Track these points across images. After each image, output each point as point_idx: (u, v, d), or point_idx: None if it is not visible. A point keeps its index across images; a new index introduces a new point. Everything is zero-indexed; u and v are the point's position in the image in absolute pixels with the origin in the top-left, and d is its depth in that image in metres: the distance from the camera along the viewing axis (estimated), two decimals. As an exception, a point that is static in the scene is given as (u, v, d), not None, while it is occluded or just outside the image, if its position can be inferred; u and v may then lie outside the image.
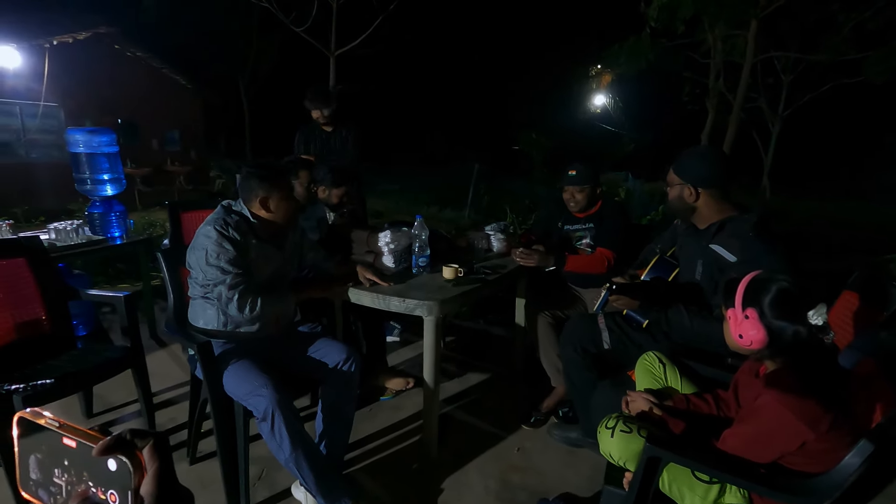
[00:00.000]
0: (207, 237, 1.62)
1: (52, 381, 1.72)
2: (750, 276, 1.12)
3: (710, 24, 6.17)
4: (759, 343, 1.08)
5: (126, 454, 0.38)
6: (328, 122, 3.32)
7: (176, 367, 2.77)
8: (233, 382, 1.61)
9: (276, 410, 1.51)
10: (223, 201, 1.78)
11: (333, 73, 8.20)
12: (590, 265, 2.35)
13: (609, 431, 1.24)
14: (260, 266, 1.73)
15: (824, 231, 7.65)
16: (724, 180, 1.66)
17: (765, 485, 1.05)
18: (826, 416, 1.01)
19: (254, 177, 1.71)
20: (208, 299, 1.71)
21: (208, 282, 1.62)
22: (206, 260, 1.61)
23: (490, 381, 2.72)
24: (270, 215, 1.73)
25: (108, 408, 2.34)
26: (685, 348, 1.66)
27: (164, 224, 5.36)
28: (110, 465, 0.38)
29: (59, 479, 0.41)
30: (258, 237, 1.73)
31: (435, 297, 1.86)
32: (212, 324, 1.73)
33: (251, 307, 1.62)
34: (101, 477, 0.39)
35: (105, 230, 2.95)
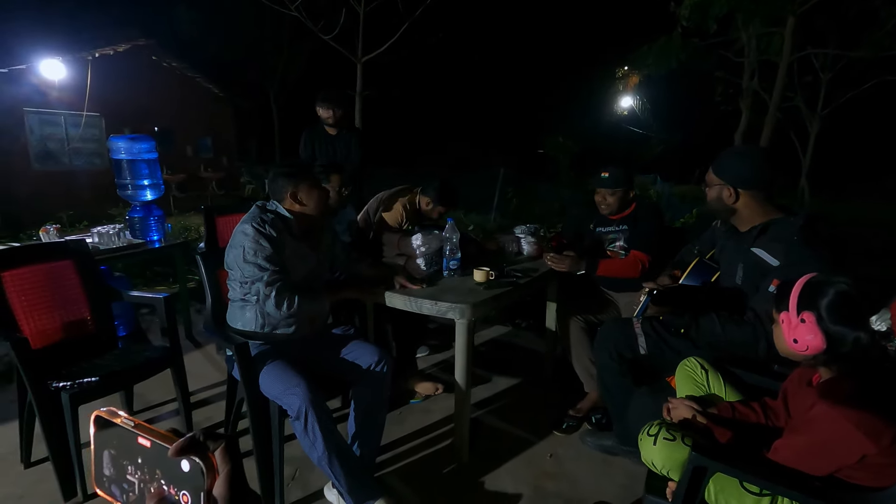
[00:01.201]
0: (245, 234, 1.66)
1: (98, 379, 1.78)
2: (805, 278, 1.07)
3: (745, 22, 6.02)
4: (815, 349, 1.03)
5: (199, 455, 0.38)
6: (335, 125, 3.37)
7: (211, 368, 2.83)
8: (268, 382, 1.64)
9: (310, 409, 1.53)
10: (258, 202, 1.82)
11: (360, 79, 8.32)
12: (623, 269, 2.30)
13: (651, 439, 1.20)
14: (295, 264, 1.76)
15: (865, 234, 7.32)
16: (767, 181, 1.60)
17: (821, 498, 1.00)
18: (889, 429, 0.95)
19: (280, 175, 1.77)
20: (247, 301, 1.74)
21: (246, 279, 1.66)
22: (243, 257, 1.65)
23: (520, 385, 2.69)
24: (304, 208, 1.78)
25: (148, 406, 2.40)
26: (729, 354, 1.60)
27: (198, 228, 5.52)
28: (183, 466, 0.38)
29: (131, 477, 0.41)
30: (293, 235, 1.76)
31: (467, 301, 1.85)
32: (250, 326, 1.76)
33: (289, 304, 1.66)
34: (174, 477, 0.39)
35: (144, 234, 3.05)
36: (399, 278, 2.00)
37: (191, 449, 0.38)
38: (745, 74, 7.06)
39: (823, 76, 8.77)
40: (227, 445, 0.39)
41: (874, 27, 6.62)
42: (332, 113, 3.33)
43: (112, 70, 9.07)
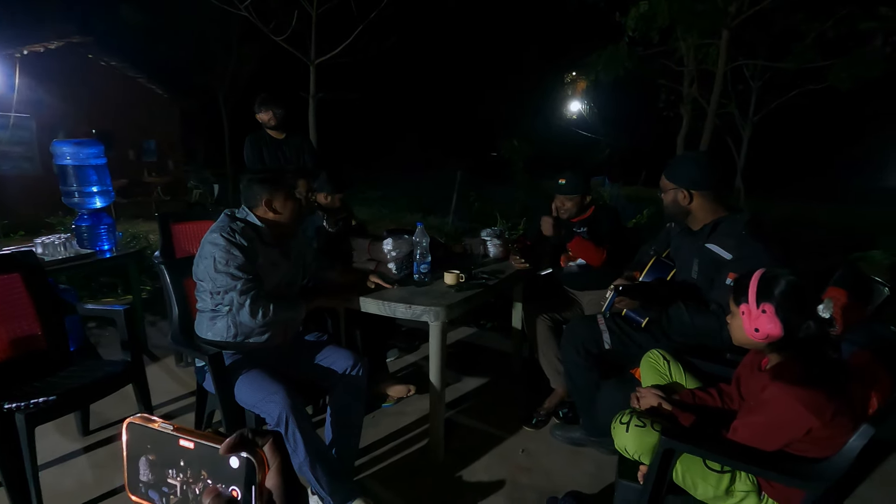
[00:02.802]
0: (214, 244, 1.63)
1: (55, 398, 1.69)
2: (760, 272, 1.19)
3: (684, 34, 6.40)
4: (773, 336, 1.14)
5: (249, 451, 0.40)
6: (278, 127, 3.31)
7: (171, 381, 2.73)
8: (245, 391, 1.61)
9: (290, 415, 1.52)
10: (226, 210, 1.79)
11: (314, 81, 8.19)
12: (590, 252, 2.38)
13: (624, 427, 1.29)
14: (268, 272, 1.74)
15: (795, 232, 7.97)
16: (716, 183, 1.75)
17: (775, 470, 1.11)
18: (830, 405, 1.08)
19: (256, 182, 1.76)
20: (218, 312, 1.71)
21: (219, 289, 1.63)
22: (214, 267, 1.62)
23: (489, 385, 2.75)
24: (277, 216, 1.77)
25: (106, 423, 2.29)
26: (685, 345, 1.73)
27: (147, 236, 5.26)
28: (232, 463, 0.40)
29: (173, 480, 0.43)
30: (265, 242, 1.75)
31: (440, 303, 1.89)
32: (220, 336, 1.73)
33: (264, 313, 1.64)
34: (222, 474, 0.41)
35: (94, 243, 2.89)
36: (373, 277, 2.02)
37: (241, 446, 0.40)
38: (685, 82, 7.50)
39: (754, 85, 9.45)
40: (275, 440, 0.41)
41: (798, 41, 7.21)
42: (274, 114, 3.27)
43: (43, 69, 8.46)
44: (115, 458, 2.05)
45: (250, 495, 0.40)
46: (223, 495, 0.40)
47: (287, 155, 3.39)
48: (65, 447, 2.11)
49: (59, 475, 1.95)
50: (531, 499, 1.84)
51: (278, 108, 3.29)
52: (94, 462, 2.04)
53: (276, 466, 0.40)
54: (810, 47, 7.10)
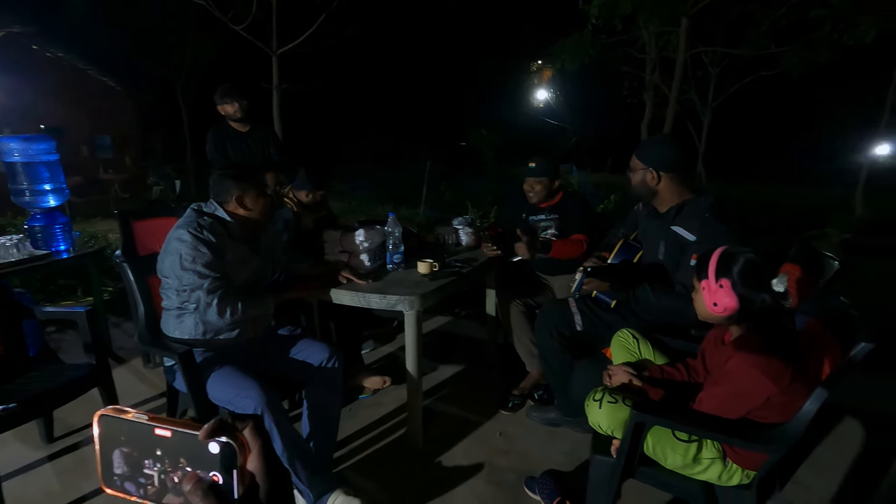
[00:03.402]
0: (181, 241, 1.59)
1: (15, 405, 1.62)
2: (720, 250, 1.24)
3: (645, 22, 6.52)
4: (731, 310, 1.20)
5: (229, 436, 0.40)
6: (243, 120, 3.22)
7: (139, 383, 2.65)
8: (218, 388, 1.59)
9: (266, 410, 1.51)
10: (193, 204, 1.74)
11: (276, 72, 7.98)
12: (571, 249, 2.44)
13: (597, 404, 1.33)
14: (237, 269, 1.71)
15: (754, 213, 8.30)
16: (683, 165, 1.81)
17: (738, 437, 1.17)
18: (787, 372, 1.14)
19: (227, 177, 1.71)
20: (184, 309, 1.66)
21: (185, 287, 1.59)
22: (180, 265, 1.57)
23: (465, 371, 2.78)
24: (248, 212, 1.73)
25: (71, 430, 2.21)
26: (653, 324, 1.79)
27: (106, 235, 5.05)
28: (212, 449, 0.40)
29: (150, 470, 0.42)
30: (233, 238, 1.71)
31: (415, 292, 1.89)
32: (188, 334, 1.68)
33: (232, 311, 1.61)
34: (202, 461, 0.41)
35: (49, 244, 2.76)
36: (344, 272, 2.01)
37: (221, 431, 0.40)
38: (647, 69, 7.67)
39: (713, 71, 9.74)
40: (255, 424, 0.41)
41: (753, 28, 7.45)
42: (239, 106, 3.17)
43: (-18, 61, 7.98)
44: (82, 464, 1.98)
45: (232, 479, 0.40)
46: (204, 480, 0.40)
47: (252, 148, 3.30)
48: (28, 456, 2.03)
49: (23, 485, 1.87)
50: (509, 480, 1.88)
51: (243, 100, 3.19)
52: (60, 469, 1.97)
53: (257, 450, 0.40)
54: (765, 35, 7.35)
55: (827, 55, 6.26)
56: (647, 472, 1.34)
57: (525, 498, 1.78)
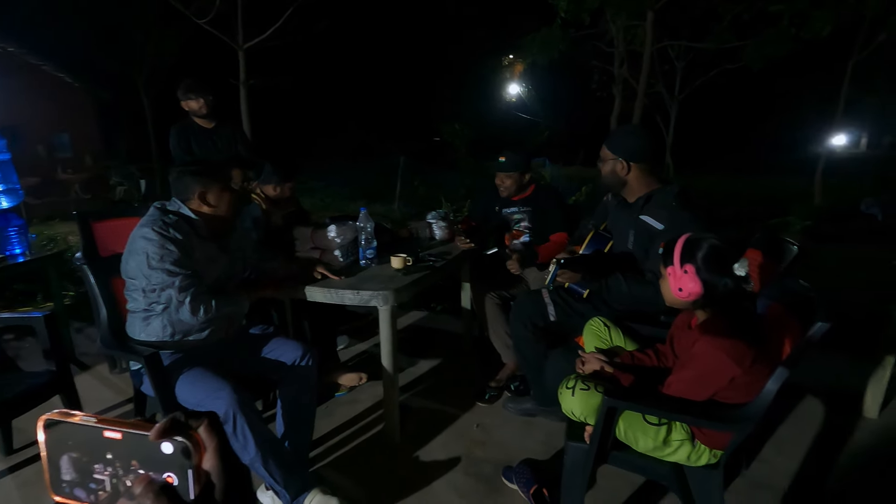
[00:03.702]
0: (147, 240, 1.53)
1: (-31, 416, 1.55)
2: (685, 237, 1.27)
3: (613, 16, 6.63)
4: (695, 294, 1.23)
5: (183, 435, 0.39)
6: (208, 116, 3.14)
7: (105, 389, 2.56)
8: (187, 390, 1.54)
9: (238, 411, 1.47)
10: (156, 203, 1.69)
11: (243, 66, 7.79)
12: (555, 251, 2.47)
13: (570, 391, 1.35)
14: (206, 268, 1.66)
15: (720, 203, 8.56)
16: (652, 155, 1.84)
17: (705, 418, 1.20)
18: (750, 353, 1.18)
19: (187, 174, 1.66)
20: (152, 311, 1.61)
21: (154, 286, 1.54)
22: (148, 264, 1.52)
23: (442, 365, 2.79)
24: (213, 209, 1.68)
25: (31, 441, 2.11)
26: (624, 312, 1.83)
27: (66, 237, 4.85)
28: (165, 449, 0.39)
29: (100, 475, 0.41)
30: (200, 237, 1.66)
31: (388, 287, 1.88)
32: (156, 336, 1.63)
33: (205, 309, 1.56)
34: (154, 462, 0.39)
35: (3, 247, 2.63)
36: (318, 268, 1.98)
37: (173, 430, 0.38)
38: (615, 63, 7.80)
39: (678, 65, 9.97)
40: (211, 422, 0.40)
41: (716, 22, 7.65)
42: (204, 102, 3.08)
43: (-75, 56, 7.54)
44: (43, 476, 1.90)
45: (187, 480, 0.39)
46: (155, 482, 0.38)
47: (218, 145, 3.21)
48: (-14, 469, 1.94)
49: (-19, 499, 1.79)
50: (487, 471, 1.90)
51: (208, 95, 3.10)
52: (20, 482, 1.89)
53: (212, 448, 0.39)
54: (727, 29, 7.55)
55: (785, 49, 6.48)
56: (620, 456, 1.36)
57: (503, 488, 1.80)
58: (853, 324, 2.52)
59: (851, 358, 2.39)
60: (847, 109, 9.21)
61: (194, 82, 3.10)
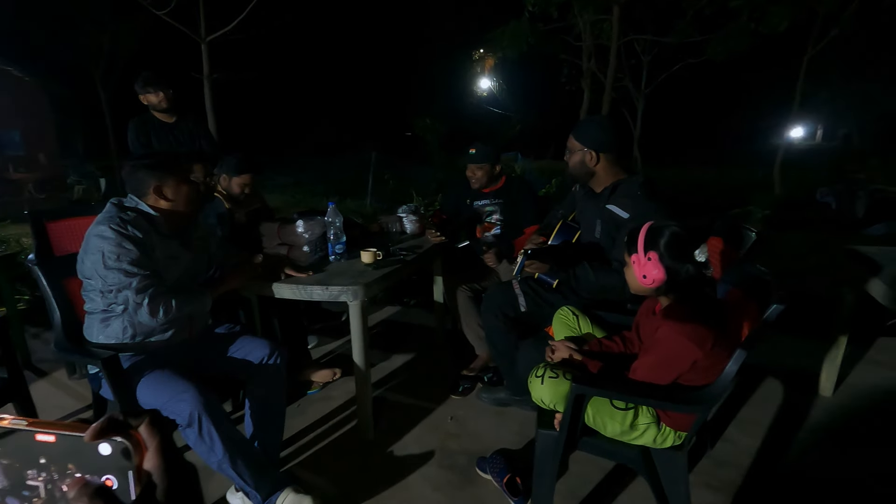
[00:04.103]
0: (103, 238, 1.47)
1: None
2: (648, 225, 1.30)
3: (580, 10, 6.70)
4: (659, 281, 1.26)
5: (122, 435, 0.37)
6: (168, 110, 3.04)
7: (64, 396, 2.46)
8: (149, 393, 1.49)
9: (203, 413, 1.43)
10: (112, 199, 1.62)
11: (206, 60, 7.56)
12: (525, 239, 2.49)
13: (539, 379, 1.37)
14: (168, 266, 1.60)
15: (686, 193, 8.80)
16: (618, 146, 1.87)
17: (668, 401, 1.24)
18: (710, 337, 1.21)
19: (141, 168, 1.59)
20: (111, 312, 1.55)
21: (110, 287, 1.47)
22: (104, 263, 1.46)
23: (415, 359, 2.78)
24: (170, 204, 1.61)
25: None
26: (592, 300, 1.86)
27: (19, 239, 4.62)
28: (102, 450, 0.37)
29: (34, 481, 0.38)
30: (161, 234, 1.60)
31: (358, 282, 1.86)
32: (115, 338, 1.57)
33: (165, 310, 1.51)
34: (92, 464, 0.37)
35: (-52, 250, 2.49)
36: (285, 268, 1.94)
37: (111, 430, 0.37)
38: (584, 57, 7.89)
39: (644, 59, 10.16)
40: (152, 419, 0.38)
41: (679, 17, 7.83)
42: (164, 96, 2.97)
43: None
44: None
45: (127, 482, 0.37)
46: (91, 484, 0.36)
47: (180, 140, 3.11)
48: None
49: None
50: (461, 462, 1.90)
51: (168, 88, 2.99)
52: (-27, 495, 1.80)
53: (154, 447, 0.37)
54: (690, 24, 7.73)
55: (745, 43, 6.68)
56: (589, 441, 1.39)
57: (477, 478, 1.81)
58: (809, 306, 2.63)
59: (808, 339, 2.50)
60: (803, 103, 9.58)
61: (153, 75, 2.99)
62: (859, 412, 2.16)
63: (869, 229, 5.69)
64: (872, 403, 2.22)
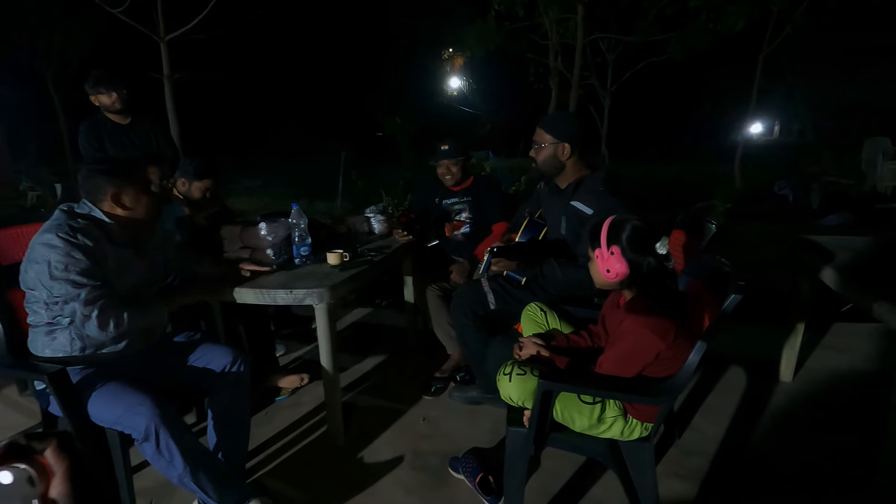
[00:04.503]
0: (50, 246, 1.39)
1: None
2: (610, 219, 1.30)
3: (545, 9, 6.76)
4: (622, 275, 1.27)
5: (25, 461, 0.33)
6: (122, 111, 2.92)
7: (14, 414, 2.33)
8: (101, 408, 1.42)
9: (160, 425, 1.37)
10: (62, 205, 1.53)
11: (166, 60, 7.30)
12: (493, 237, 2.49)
13: (507, 377, 1.36)
14: (121, 276, 1.53)
15: (652, 189, 9.01)
16: (584, 141, 1.88)
17: (633, 393, 1.25)
18: (672, 329, 1.23)
19: (98, 174, 1.51)
20: (57, 324, 1.46)
21: (56, 298, 1.39)
22: (50, 274, 1.38)
23: (387, 361, 2.75)
24: (128, 212, 1.54)
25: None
26: (560, 296, 1.86)
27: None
28: (3, 479, 0.33)
29: None
30: (114, 242, 1.52)
31: (324, 284, 1.82)
32: (63, 351, 1.48)
33: (116, 323, 1.43)
34: None
35: None
36: (245, 265, 1.88)
37: (12, 457, 0.33)
38: (550, 56, 7.98)
39: (609, 58, 10.36)
40: (60, 442, 0.35)
41: (642, 17, 8.00)
42: (117, 96, 2.84)
43: None
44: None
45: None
46: None
47: (135, 142, 2.98)
48: None
49: None
50: (434, 464, 1.88)
51: (121, 88, 2.85)
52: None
53: (62, 473, 0.34)
54: (652, 23, 7.91)
55: (704, 41, 6.88)
56: (558, 437, 1.39)
57: (449, 479, 1.80)
58: (769, 295, 2.72)
59: (768, 327, 2.58)
60: (761, 100, 9.94)
61: (104, 74, 2.85)
62: (818, 396, 2.24)
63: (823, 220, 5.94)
64: (830, 387, 2.31)
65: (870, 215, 5.81)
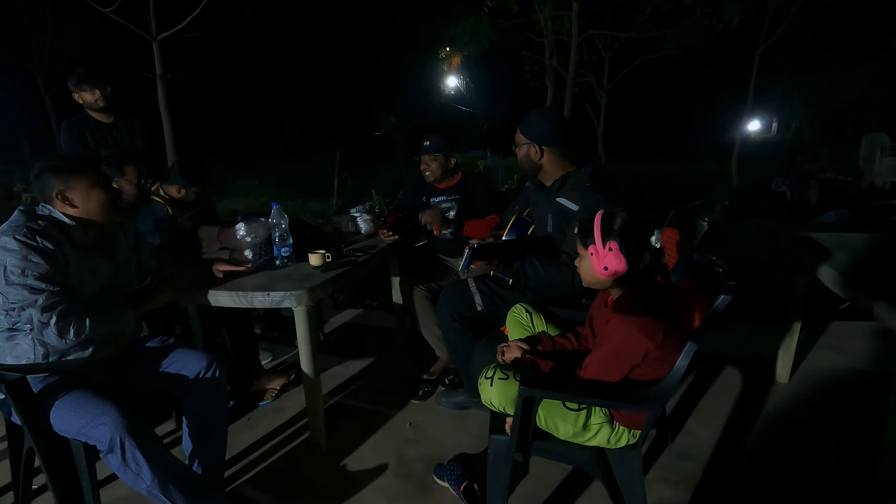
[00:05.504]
0: (6, 250, 1.32)
1: None
2: (600, 213, 1.23)
3: (540, 5, 6.70)
4: (620, 272, 1.19)
5: None
6: (106, 110, 2.85)
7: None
8: (64, 418, 1.35)
9: (126, 436, 1.30)
10: (21, 206, 1.46)
11: (159, 59, 7.23)
12: (484, 227, 2.41)
13: (488, 381, 1.30)
14: (86, 280, 1.46)
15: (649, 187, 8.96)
16: (564, 138, 1.82)
17: (618, 400, 1.19)
18: (661, 328, 1.16)
19: (45, 171, 1.44)
20: (18, 330, 1.40)
21: (12, 305, 1.33)
22: (5, 279, 1.31)
23: (375, 364, 2.69)
24: (77, 210, 1.47)
25: None
26: (547, 297, 1.80)
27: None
28: None
29: None
30: (77, 244, 1.45)
31: (302, 286, 1.76)
32: (26, 358, 1.42)
33: (77, 330, 1.36)
34: None
35: None
36: (219, 265, 1.82)
37: None
38: (546, 53, 7.92)
39: (605, 55, 10.29)
40: None
41: (637, 13, 7.94)
42: (101, 94, 2.77)
43: None
44: None
45: None
46: None
47: (119, 141, 2.91)
48: None
49: None
50: (419, 471, 1.82)
51: (105, 86, 2.78)
52: None
53: None
54: (648, 19, 7.84)
55: (699, 37, 6.82)
56: (542, 445, 1.33)
57: (434, 487, 1.73)
58: (764, 294, 2.66)
59: (763, 326, 2.52)
60: (758, 97, 9.89)
61: (87, 71, 2.78)
62: (815, 398, 2.18)
63: (820, 217, 5.88)
64: (827, 388, 2.25)
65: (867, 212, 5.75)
